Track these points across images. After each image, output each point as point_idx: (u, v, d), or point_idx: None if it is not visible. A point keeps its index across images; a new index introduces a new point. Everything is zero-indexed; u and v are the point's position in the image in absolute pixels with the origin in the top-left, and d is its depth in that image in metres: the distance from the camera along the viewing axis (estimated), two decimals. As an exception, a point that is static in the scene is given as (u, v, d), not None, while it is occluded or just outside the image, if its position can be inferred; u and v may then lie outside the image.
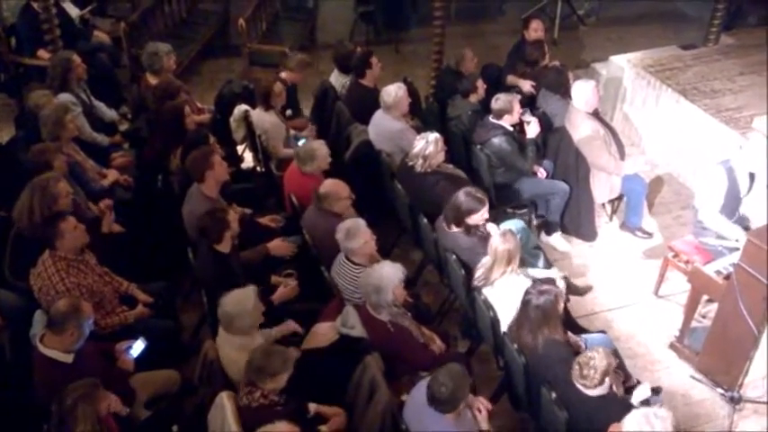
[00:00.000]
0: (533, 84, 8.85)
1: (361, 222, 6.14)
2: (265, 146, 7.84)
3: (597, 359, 5.05)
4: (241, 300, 5.34)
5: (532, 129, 7.67)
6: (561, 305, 5.63)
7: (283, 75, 8.41)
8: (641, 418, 4.69)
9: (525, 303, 5.57)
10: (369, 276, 5.64)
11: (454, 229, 6.53)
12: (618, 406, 5.11)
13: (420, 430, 5.03)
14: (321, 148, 7.15)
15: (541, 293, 5.51)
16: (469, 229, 6.51)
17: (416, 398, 5.09)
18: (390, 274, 5.60)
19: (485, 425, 5.23)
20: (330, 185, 6.62)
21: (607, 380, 5.09)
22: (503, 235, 6.06)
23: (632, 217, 8.18)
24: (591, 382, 5.07)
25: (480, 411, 5.21)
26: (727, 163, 6.84)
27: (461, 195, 6.47)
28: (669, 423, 4.69)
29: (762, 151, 6.74)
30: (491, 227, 6.67)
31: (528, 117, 7.72)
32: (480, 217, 6.49)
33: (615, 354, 5.53)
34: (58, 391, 4.66)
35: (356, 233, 6.05)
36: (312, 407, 5.24)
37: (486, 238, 6.39)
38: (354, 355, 5.50)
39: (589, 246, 8.09)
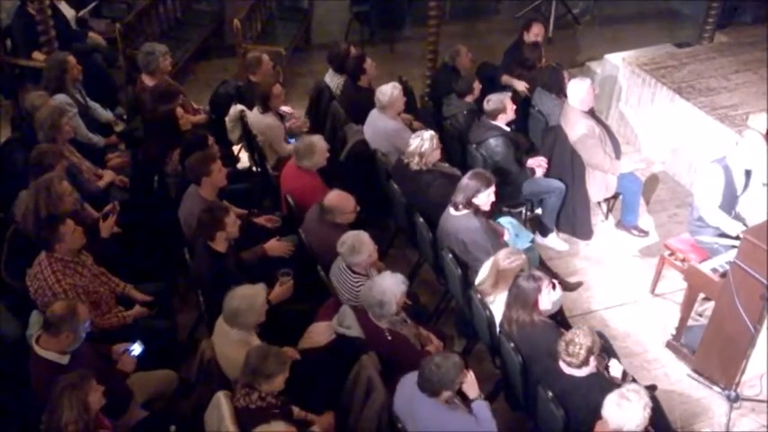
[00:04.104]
0: (527, 86, 8.88)
1: (364, 235, 6.07)
2: (261, 146, 7.83)
3: (581, 336, 5.09)
4: (251, 296, 5.35)
5: (539, 172, 7.78)
6: (543, 296, 5.62)
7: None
8: (617, 399, 4.72)
9: (514, 279, 5.68)
10: (371, 291, 5.59)
11: (462, 210, 6.51)
12: (608, 384, 5.16)
13: (413, 423, 5.04)
14: (320, 142, 7.14)
15: (530, 278, 5.58)
16: (477, 211, 6.50)
17: (405, 390, 5.13)
18: (392, 287, 5.57)
19: (473, 392, 5.25)
20: (337, 199, 6.52)
21: (592, 359, 5.12)
22: (510, 253, 5.98)
23: (628, 215, 8.19)
24: (576, 359, 5.09)
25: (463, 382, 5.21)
26: (723, 161, 6.84)
27: (469, 176, 6.52)
28: (643, 393, 4.74)
29: (757, 148, 6.74)
30: (504, 225, 6.77)
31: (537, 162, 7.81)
32: (486, 197, 6.48)
33: (601, 337, 5.53)
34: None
35: (360, 248, 6.00)
36: (296, 412, 5.23)
37: (494, 229, 6.45)
38: (351, 354, 5.50)
39: (585, 244, 8.09)
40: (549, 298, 5.67)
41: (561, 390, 5.18)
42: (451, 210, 6.57)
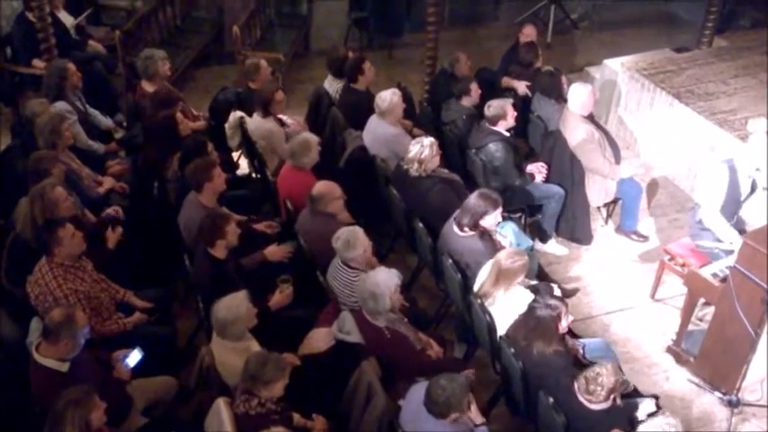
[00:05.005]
0: (528, 83, 8.90)
1: (359, 231, 6.10)
2: (261, 152, 7.84)
3: (605, 376, 5.02)
4: (234, 306, 5.34)
5: (538, 177, 7.78)
6: (563, 323, 5.55)
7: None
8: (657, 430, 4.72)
9: (529, 310, 5.57)
10: (364, 284, 5.61)
11: (468, 232, 6.48)
12: (620, 418, 5.12)
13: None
14: (311, 137, 7.25)
15: (547, 307, 5.49)
16: (483, 233, 6.46)
17: (412, 401, 5.09)
18: (386, 280, 5.58)
19: (478, 419, 5.22)
20: (322, 187, 6.63)
21: (612, 396, 5.08)
22: (512, 254, 5.98)
23: (627, 220, 8.18)
24: (596, 398, 5.05)
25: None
26: (730, 161, 6.83)
27: (475, 197, 6.45)
28: (679, 426, 4.80)
29: (763, 151, 6.73)
30: (504, 240, 6.72)
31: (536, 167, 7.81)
32: (494, 219, 6.45)
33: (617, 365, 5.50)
34: (54, 400, 4.65)
35: (355, 243, 6.03)
36: (297, 419, 5.22)
37: (498, 249, 6.37)
38: (351, 360, 5.50)
39: (585, 249, 8.09)
40: (567, 322, 5.61)
41: (572, 414, 5.12)
42: (456, 229, 6.51)
